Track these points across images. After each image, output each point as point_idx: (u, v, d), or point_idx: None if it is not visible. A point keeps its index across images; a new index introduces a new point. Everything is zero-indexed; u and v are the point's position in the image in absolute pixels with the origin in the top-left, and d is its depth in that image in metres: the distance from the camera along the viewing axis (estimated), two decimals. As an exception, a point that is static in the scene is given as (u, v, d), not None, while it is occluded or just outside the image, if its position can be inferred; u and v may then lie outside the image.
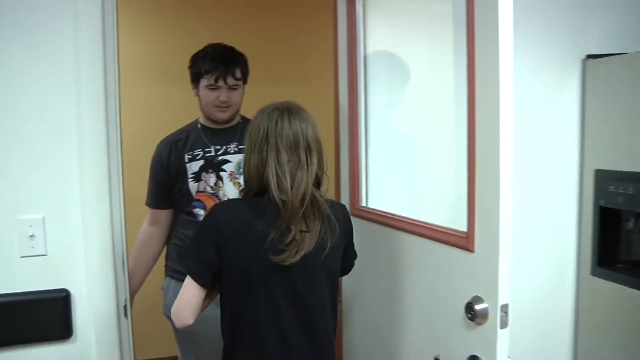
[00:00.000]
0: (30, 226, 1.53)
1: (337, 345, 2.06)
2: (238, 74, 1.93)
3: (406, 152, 1.94)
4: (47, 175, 1.54)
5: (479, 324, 1.25)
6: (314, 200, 1.35)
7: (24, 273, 1.54)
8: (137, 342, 1.78)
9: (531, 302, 1.86)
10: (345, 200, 1.88)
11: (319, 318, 1.41)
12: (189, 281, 1.35)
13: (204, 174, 1.95)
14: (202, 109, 2.01)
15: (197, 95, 1.99)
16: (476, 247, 1.27)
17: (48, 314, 1.56)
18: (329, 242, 1.36)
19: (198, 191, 1.94)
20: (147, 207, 2.07)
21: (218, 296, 1.44)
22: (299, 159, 1.34)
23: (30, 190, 1.53)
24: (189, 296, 1.35)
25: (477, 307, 1.24)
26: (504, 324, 1.19)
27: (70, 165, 1.54)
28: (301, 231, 1.32)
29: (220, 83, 1.90)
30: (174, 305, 1.38)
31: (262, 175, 1.35)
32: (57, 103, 1.53)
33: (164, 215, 2.04)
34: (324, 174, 1.41)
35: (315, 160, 1.36)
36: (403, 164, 1.92)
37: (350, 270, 1.56)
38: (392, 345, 1.68)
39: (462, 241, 1.32)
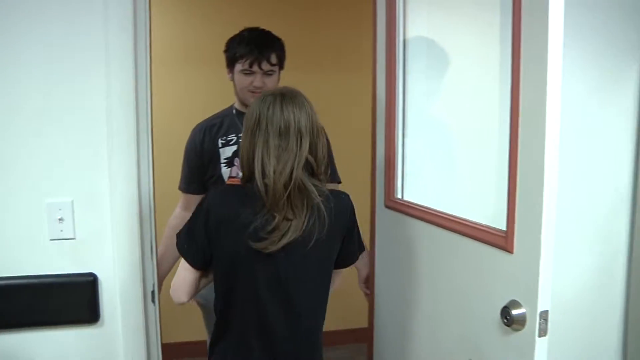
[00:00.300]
0: (60, 209, 1.53)
1: (369, 341, 2.01)
2: (273, 59, 1.88)
3: (444, 144, 1.85)
4: (76, 159, 1.53)
5: (516, 330, 1.17)
6: (302, 189, 1.31)
7: (53, 256, 1.55)
8: (164, 325, 1.77)
9: (574, 309, 1.74)
10: (379, 191, 1.81)
11: (305, 309, 1.40)
12: (183, 262, 1.41)
13: (236, 159, 1.92)
14: (236, 94, 1.98)
15: (232, 80, 1.96)
16: (515, 248, 1.18)
17: (76, 297, 1.56)
18: (316, 233, 1.32)
19: (230, 176, 1.91)
20: (180, 192, 2.06)
21: None
22: (288, 143, 1.31)
23: (59, 173, 1.53)
24: (183, 276, 1.41)
25: (514, 312, 1.16)
26: (542, 332, 1.11)
27: (99, 149, 1.53)
28: (287, 219, 1.30)
29: (255, 68, 1.86)
30: (172, 283, 1.43)
31: (251, 161, 1.34)
32: (87, 88, 1.51)
33: (197, 200, 2.02)
34: (322, 162, 1.38)
35: (306, 146, 1.32)
36: (441, 156, 1.83)
37: (352, 262, 1.52)
38: (424, 343, 1.61)
39: (500, 241, 1.23)
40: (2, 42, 1.46)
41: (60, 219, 1.53)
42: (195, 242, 1.37)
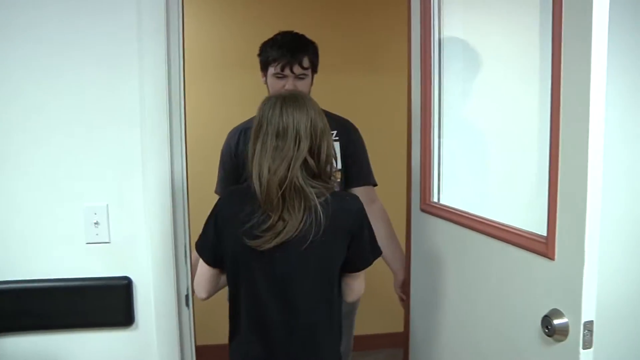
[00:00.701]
0: (95, 213, 1.55)
1: (404, 346, 1.97)
2: (305, 62, 1.87)
3: (480, 146, 1.80)
4: (111, 164, 1.55)
5: (558, 340, 1.11)
6: (300, 190, 1.32)
7: (88, 259, 1.57)
8: (199, 328, 1.77)
9: (619, 318, 1.65)
10: (415, 194, 1.77)
11: (304, 308, 1.41)
12: (200, 260, 1.46)
13: None
14: None
15: (266, 83, 1.96)
16: (557, 254, 1.12)
17: (111, 301, 1.58)
18: (312, 233, 1.32)
19: None
20: (216, 196, 2.06)
21: None
22: (285, 144, 1.32)
23: (95, 178, 1.55)
24: (201, 273, 1.47)
25: (556, 321, 1.10)
26: (587, 344, 1.05)
27: (133, 153, 1.55)
28: (282, 219, 1.32)
29: (287, 72, 1.85)
30: (194, 280, 1.51)
31: (251, 162, 1.37)
32: (121, 94, 1.53)
33: None
34: (327, 163, 1.38)
35: (304, 148, 1.33)
36: (476, 159, 1.78)
37: (363, 266, 1.47)
38: (461, 351, 1.56)
39: (541, 247, 1.17)
40: (44, 54, 1.50)
41: (95, 223, 1.55)
42: (208, 240, 1.43)
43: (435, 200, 1.70)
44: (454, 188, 1.74)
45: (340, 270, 1.44)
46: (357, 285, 1.52)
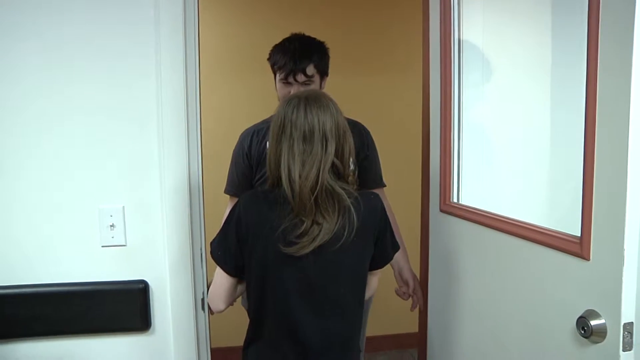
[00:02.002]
0: (111, 216, 1.52)
1: (420, 347, 1.94)
2: (310, 70, 1.85)
3: (500, 145, 1.78)
4: (127, 165, 1.52)
5: (595, 342, 1.09)
6: (331, 192, 1.31)
7: (104, 262, 1.54)
8: (212, 331, 1.74)
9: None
10: (434, 195, 1.75)
11: (337, 313, 1.39)
12: (219, 269, 1.41)
13: None
14: (279, 101, 1.96)
15: (276, 87, 1.95)
16: (592, 255, 1.10)
17: (127, 305, 1.55)
18: (345, 235, 1.30)
19: None
20: (226, 197, 2.04)
21: None
22: (312, 148, 1.30)
23: (110, 179, 1.52)
24: (219, 284, 1.42)
25: (593, 322, 1.08)
26: (627, 346, 1.03)
27: (150, 156, 1.52)
28: (317, 223, 1.29)
29: (291, 79, 1.85)
30: (209, 291, 1.45)
31: (278, 166, 1.33)
32: (138, 95, 1.50)
33: None
34: (348, 164, 1.37)
35: (331, 150, 1.31)
36: (497, 158, 1.76)
37: (386, 262, 1.49)
38: (486, 353, 1.54)
39: (574, 247, 1.15)
40: (60, 56, 1.47)
41: (111, 226, 1.52)
42: (229, 249, 1.38)
43: (455, 200, 1.68)
44: (474, 188, 1.72)
45: None
46: (374, 282, 1.54)
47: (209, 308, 1.57)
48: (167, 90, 1.49)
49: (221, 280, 1.42)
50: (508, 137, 1.82)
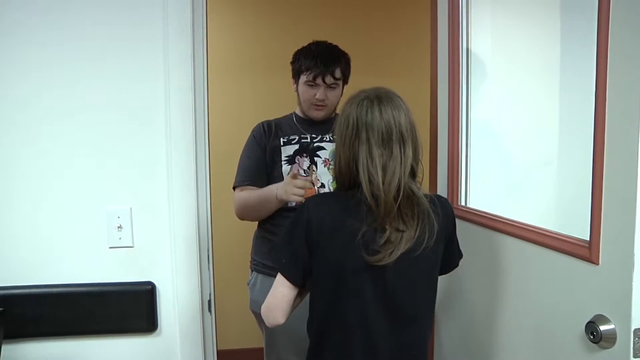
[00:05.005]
0: (118, 217, 1.52)
1: (429, 355, 1.93)
2: (337, 73, 1.88)
3: (510, 149, 1.77)
4: (135, 167, 1.52)
5: (604, 347, 1.08)
6: (411, 196, 1.23)
7: (111, 264, 1.54)
8: (218, 333, 1.74)
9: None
10: (441, 198, 1.74)
11: (411, 322, 1.30)
12: (280, 279, 1.29)
13: (298, 157, 1.91)
14: (299, 104, 1.99)
15: (297, 91, 1.96)
16: (602, 259, 1.09)
17: (134, 306, 1.55)
18: (426, 241, 1.22)
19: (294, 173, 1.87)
20: (234, 196, 2.01)
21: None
22: (392, 151, 1.22)
23: (118, 180, 1.52)
24: (281, 295, 1.29)
25: (602, 327, 1.07)
26: (638, 352, 1.01)
27: (157, 157, 1.52)
28: (398, 230, 1.21)
29: (319, 81, 1.86)
30: (265, 303, 1.31)
31: (353, 170, 1.25)
32: (145, 95, 1.51)
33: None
34: (419, 163, 1.29)
35: (409, 151, 1.23)
36: (507, 162, 1.75)
37: (452, 268, 1.42)
38: (494, 357, 1.53)
39: (583, 251, 1.14)
40: (67, 57, 1.48)
41: (119, 227, 1.52)
42: (295, 256, 1.27)
43: (463, 204, 1.67)
44: (482, 192, 1.71)
45: None
46: None
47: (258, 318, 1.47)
48: (175, 91, 1.50)
49: (283, 290, 1.28)
50: (516, 140, 1.81)
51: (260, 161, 1.93)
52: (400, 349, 1.29)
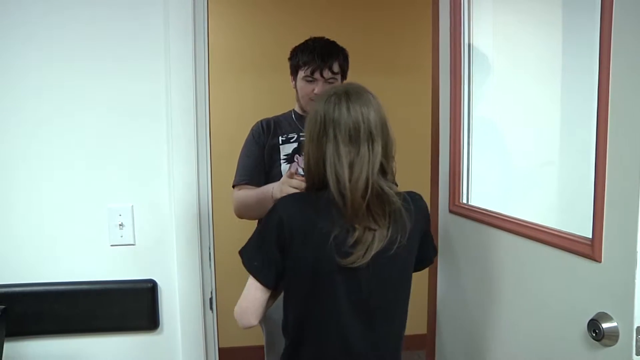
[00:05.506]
0: (120, 215, 1.52)
1: (428, 348, 1.93)
2: (335, 67, 1.87)
3: (512, 146, 1.77)
4: (136, 164, 1.53)
5: (606, 345, 1.07)
6: (381, 194, 1.20)
7: (113, 262, 1.55)
8: (219, 330, 1.74)
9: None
10: (443, 196, 1.74)
11: (386, 321, 1.29)
12: (252, 281, 1.26)
13: (297, 156, 1.91)
14: (298, 100, 1.99)
15: (295, 87, 1.96)
16: (604, 256, 1.09)
17: (135, 304, 1.55)
18: (399, 239, 1.21)
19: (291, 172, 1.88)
20: (233, 194, 2.02)
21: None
22: (359, 149, 1.19)
23: (120, 178, 1.52)
24: (254, 298, 1.26)
25: (605, 325, 1.07)
26: (640, 350, 1.01)
27: (159, 155, 1.53)
28: (370, 229, 1.19)
29: (317, 75, 1.86)
30: (238, 306, 1.28)
31: (322, 169, 1.22)
32: (147, 94, 1.51)
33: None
34: (392, 160, 1.26)
35: (378, 148, 1.20)
36: (509, 159, 1.75)
37: (426, 266, 1.42)
38: (496, 355, 1.53)
39: (585, 249, 1.14)
40: (69, 55, 1.48)
41: (120, 225, 1.53)
42: (268, 258, 1.24)
43: (465, 201, 1.67)
44: (480, 189, 1.71)
45: None
46: None
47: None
48: (176, 89, 1.50)
49: (255, 293, 1.25)
50: (518, 138, 1.80)
51: (258, 160, 1.94)
52: (376, 348, 1.28)
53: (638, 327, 1.01)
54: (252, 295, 1.26)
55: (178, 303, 1.57)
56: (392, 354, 1.32)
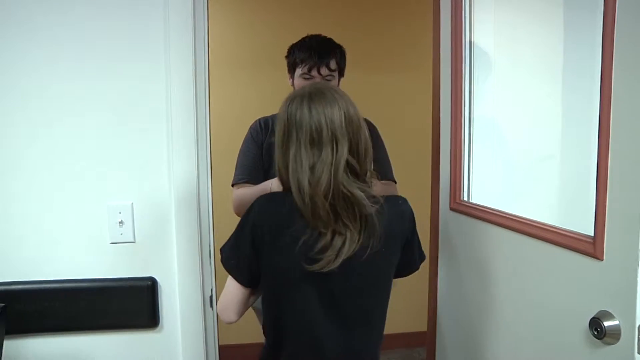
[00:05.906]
0: (120, 212, 1.52)
1: (429, 346, 1.93)
2: (332, 65, 1.87)
3: (513, 144, 1.76)
4: (136, 162, 1.52)
5: (608, 343, 1.07)
6: (349, 197, 1.15)
7: (112, 259, 1.54)
8: (220, 328, 1.74)
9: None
10: (444, 193, 1.73)
11: (361, 327, 1.26)
12: (230, 279, 1.26)
13: None
14: None
15: (293, 85, 1.95)
16: (606, 255, 1.08)
17: (135, 302, 1.55)
18: (371, 244, 1.17)
19: None
20: (233, 193, 2.02)
21: None
22: (321, 152, 1.15)
23: (120, 176, 1.52)
24: (232, 295, 1.26)
25: (606, 323, 1.06)
26: (642, 349, 1.01)
27: (159, 153, 1.52)
28: (339, 234, 1.16)
29: (314, 73, 1.85)
30: (219, 301, 1.29)
31: (287, 173, 1.19)
32: (147, 91, 1.50)
33: None
34: (365, 159, 1.21)
35: (343, 149, 1.15)
36: (510, 157, 1.74)
37: (412, 271, 1.36)
38: (497, 352, 1.52)
39: (587, 247, 1.13)
40: (71, 54, 1.47)
41: (120, 222, 1.52)
42: (243, 258, 1.23)
43: (466, 199, 1.67)
44: (481, 187, 1.71)
45: None
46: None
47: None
48: (176, 87, 1.49)
49: (234, 291, 1.26)
50: (519, 135, 1.80)
51: (257, 158, 1.94)
52: (352, 352, 1.25)
53: (640, 326, 1.01)
54: (231, 292, 1.27)
55: (178, 301, 1.56)
56: (370, 356, 1.30)
